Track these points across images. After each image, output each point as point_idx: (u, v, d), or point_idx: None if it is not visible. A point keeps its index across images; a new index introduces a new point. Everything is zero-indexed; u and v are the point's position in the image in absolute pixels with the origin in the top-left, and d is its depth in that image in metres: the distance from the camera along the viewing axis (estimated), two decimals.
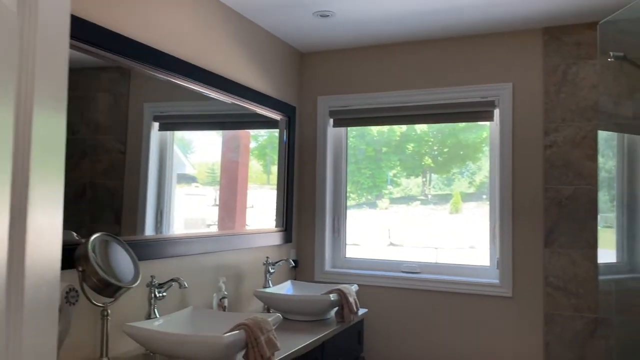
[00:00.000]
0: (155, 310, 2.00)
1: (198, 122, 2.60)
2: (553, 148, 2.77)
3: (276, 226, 3.09)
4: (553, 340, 2.71)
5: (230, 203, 2.81)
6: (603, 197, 2.74)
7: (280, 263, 2.89)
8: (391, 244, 3.31)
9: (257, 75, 2.87)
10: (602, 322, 2.64)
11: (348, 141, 3.37)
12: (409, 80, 3.08)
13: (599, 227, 2.73)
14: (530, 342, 2.77)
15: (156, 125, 2.24)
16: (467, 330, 2.90)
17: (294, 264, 3.03)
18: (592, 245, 2.68)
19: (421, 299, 3.01)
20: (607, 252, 2.77)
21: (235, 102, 2.67)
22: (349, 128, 3.36)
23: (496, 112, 2.91)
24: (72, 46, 1.70)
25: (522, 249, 2.82)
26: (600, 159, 2.74)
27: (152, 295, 2.00)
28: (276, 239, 3.05)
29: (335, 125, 3.30)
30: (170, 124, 2.40)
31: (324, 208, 3.25)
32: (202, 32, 2.44)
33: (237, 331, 1.77)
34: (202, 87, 2.41)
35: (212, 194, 2.65)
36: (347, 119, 3.27)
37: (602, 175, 2.74)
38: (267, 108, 2.93)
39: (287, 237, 3.15)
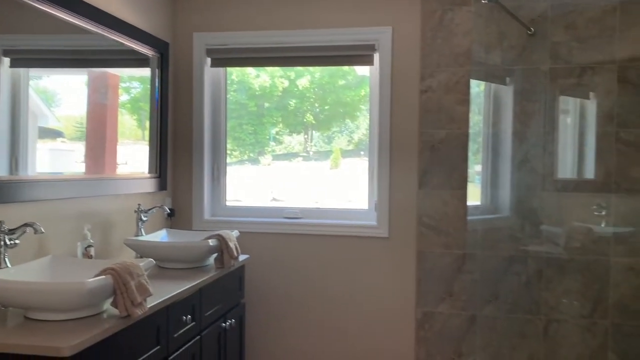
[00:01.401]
0: (6, 260, 1.76)
1: (58, 58, 2.30)
2: (428, 93, 2.85)
3: (149, 172, 2.89)
4: (425, 276, 2.86)
5: (99, 148, 2.56)
6: (472, 141, 2.89)
7: (153, 210, 2.71)
8: (274, 199, 3.26)
9: (125, 3, 2.59)
10: (469, 258, 2.83)
11: (228, 95, 3.23)
12: (290, 19, 2.97)
13: (468, 170, 2.89)
14: (403, 279, 2.89)
15: (6, 61, 1.93)
16: (347, 271, 2.97)
17: (169, 212, 2.86)
18: (462, 186, 2.83)
19: (302, 243, 3.01)
20: (474, 194, 2.95)
21: (99, 31, 2.38)
22: (229, 78, 3.22)
23: (376, 56, 2.92)
24: None
25: (398, 191, 2.91)
26: (473, 107, 2.87)
27: (2, 242, 1.76)
28: (149, 185, 2.85)
29: (213, 65, 3.12)
30: (25, 60, 2.09)
31: (201, 152, 3.09)
32: None
33: (102, 276, 1.61)
34: (57, 10, 2.11)
35: (81, 149, 2.39)
36: (226, 58, 3.10)
37: (473, 120, 2.87)
38: (136, 41, 2.66)
39: (162, 184, 2.96)
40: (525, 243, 2.83)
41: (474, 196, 2.95)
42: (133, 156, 2.81)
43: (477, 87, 2.90)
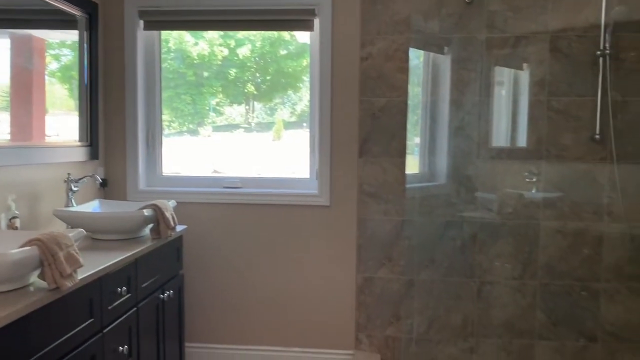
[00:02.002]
0: None
1: None
2: (369, 60, 2.84)
3: (79, 140, 2.74)
4: (365, 243, 2.90)
5: (25, 116, 2.39)
6: (412, 112, 2.92)
7: (84, 180, 2.58)
8: (215, 171, 3.18)
9: None
10: (407, 224, 2.88)
11: (165, 63, 3.10)
12: None
13: (408, 139, 2.93)
14: (344, 246, 2.92)
15: None
16: (288, 240, 2.96)
17: (101, 182, 2.74)
18: (401, 154, 2.86)
19: (243, 213, 2.97)
20: (413, 162, 3.00)
21: None
22: (165, 46, 3.08)
23: (316, 21, 2.87)
24: None
25: (339, 159, 2.91)
26: (413, 77, 2.89)
27: None
28: (80, 154, 2.71)
29: (147, 28, 2.97)
30: None
31: (135, 120, 2.96)
32: None
33: (28, 247, 1.52)
34: None
35: (6, 117, 2.23)
36: (159, 21, 2.96)
37: (413, 91, 2.90)
38: (62, 0, 2.49)
39: (93, 152, 2.82)
40: (461, 209, 2.91)
41: (413, 165, 3.00)
42: (65, 127, 2.66)
43: (416, 59, 2.92)
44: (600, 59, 2.69)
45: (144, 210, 2.33)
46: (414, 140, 2.99)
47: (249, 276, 2.99)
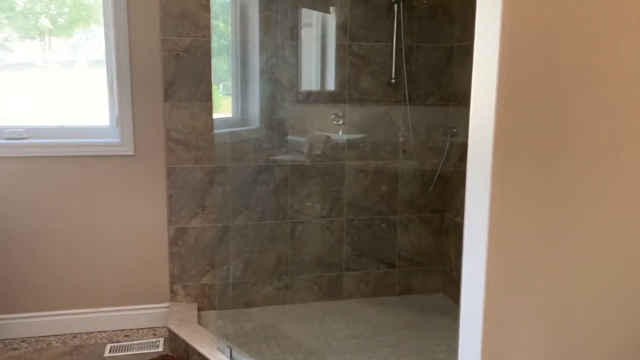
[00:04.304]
0: None
1: None
2: None
3: None
4: (176, 193, 2.78)
5: None
6: (222, 52, 2.80)
7: None
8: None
9: None
10: (220, 171, 2.82)
11: None
12: None
13: (219, 83, 2.82)
14: (154, 197, 2.77)
15: None
16: (90, 194, 2.70)
17: None
18: (210, 98, 2.75)
19: (32, 168, 2.62)
20: (226, 106, 2.91)
21: None
22: None
23: None
24: None
25: (142, 105, 2.70)
26: (219, 14, 2.74)
27: None
28: None
29: None
30: None
31: None
32: None
33: None
34: None
35: None
36: None
37: (220, 30, 2.77)
38: None
39: None
40: (273, 153, 2.93)
41: (226, 108, 2.92)
42: None
43: None
44: (395, 6, 2.85)
45: None
46: (227, 82, 2.89)
47: (50, 238, 2.68)
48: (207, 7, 2.65)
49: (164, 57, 2.66)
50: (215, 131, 2.79)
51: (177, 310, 2.80)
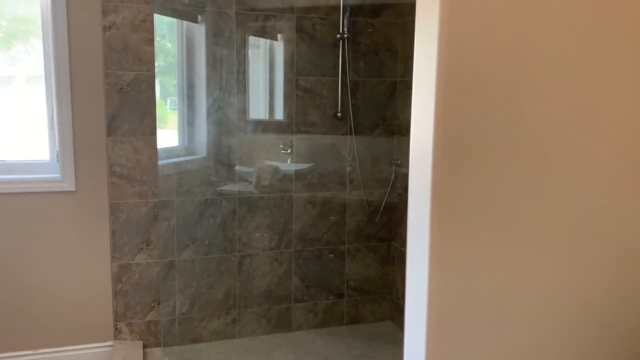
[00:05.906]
0: None
1: None
2: (112, 30, 2.58)
3: None
4: (119, 228, 2.71)
5: None
6: (170, 81, 2.77)
7: None
8: None
9: None
10: (165, 205, 2.78)
11: None
12: None
13: (168, 111, 2.79)
14: (96, 233, 2.69)
15: None
16: (28, 234, 2.60)
17: None
18: (154, 131, 2.71)
19: None
20: (171, 136, 2.89)
21: None
22: None
23: None
24: None
25: (84, 139, 2.63)
26: (167, 44, 2.72)
27: None
28: None
29: None
30: None
31: None
32: None
33: None
34: None
35: None
36: None
37: (168, 60, 2.74)
38: None
39: None
40: (220, 185, 2.92)
41: (171, 138, 2.89)
42: None
43: (168, 26, 2.76)
44: (340, 42, 2.90)
45: None
46: (173, 111, 2.86)
47: None
48: (151, 41, 2.63)
49: (107, 91, 2.61)
50: (160, 162, 2.75)
51: (122, 348, 2.72)
